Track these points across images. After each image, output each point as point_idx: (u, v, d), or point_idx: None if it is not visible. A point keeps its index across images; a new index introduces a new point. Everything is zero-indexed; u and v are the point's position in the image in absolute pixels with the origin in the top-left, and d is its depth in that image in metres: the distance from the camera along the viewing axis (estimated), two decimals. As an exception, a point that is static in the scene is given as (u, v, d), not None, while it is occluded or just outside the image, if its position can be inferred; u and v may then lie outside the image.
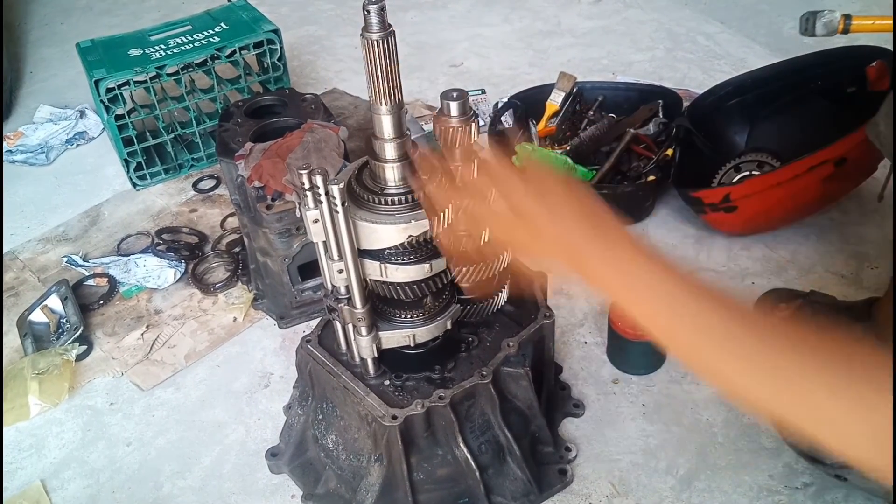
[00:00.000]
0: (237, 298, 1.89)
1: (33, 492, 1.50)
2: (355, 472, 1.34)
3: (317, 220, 1.08)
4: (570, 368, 1.64)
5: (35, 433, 1.62)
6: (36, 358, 1.71)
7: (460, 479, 1.32)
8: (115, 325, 1.85)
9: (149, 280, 1.93)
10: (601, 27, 3.05)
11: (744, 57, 2.74)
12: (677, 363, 1.63)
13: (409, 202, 1.10)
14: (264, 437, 1.56)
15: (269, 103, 1.94)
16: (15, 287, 1.99)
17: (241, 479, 1.49)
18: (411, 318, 1.23)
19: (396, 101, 1.04)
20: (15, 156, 2.52)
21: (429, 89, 2.72)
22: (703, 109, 2.09)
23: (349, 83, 2.75)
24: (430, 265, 1.15)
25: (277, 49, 2.33)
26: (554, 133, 2.23)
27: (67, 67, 2.97)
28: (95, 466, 1.54)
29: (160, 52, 2.24)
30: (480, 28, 3.13)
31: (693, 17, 3.04)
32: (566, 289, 1.84)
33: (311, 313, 1.81)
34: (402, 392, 1.27)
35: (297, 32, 3.19)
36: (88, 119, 2.65)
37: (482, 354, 1.32)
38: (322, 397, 1.37)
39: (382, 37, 0.97)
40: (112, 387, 1.70)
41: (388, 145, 1.08)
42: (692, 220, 1.99)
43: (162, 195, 2.29)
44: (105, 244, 2.11)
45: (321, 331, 1.37)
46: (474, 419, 1.31)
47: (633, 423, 1.52)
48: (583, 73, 2.59)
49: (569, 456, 1.45)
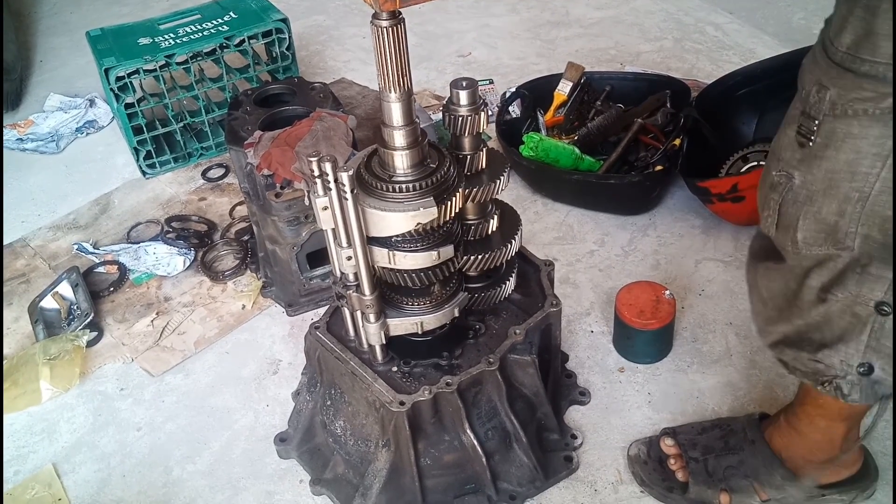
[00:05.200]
0: (246, 286, 1.90)
1: (45, 475, 1.52)
2: (363, 457, 1.35)
3: (326, 207, 1.09)
4: (577, 357, 1.65)
5: (46, 418, 1.64)
6: (47, 344, 1.73)
7: (467, 464, 1.33)
8: (126, 311, 1.87)
9: (158, 268, 1.94)
10: (609, 17, 3.04)
11: (752, 47, 2.73)
12: (683, 352, 1.64)
13: (418, 189, 1.11)
14: (273, 422, 1.58)
15: (278, 92, 1.95)
16: (26, 274, 2.01)
17: (249, 464, 1.50)
18: (419, 306, 1.24)
19: (405, 88, 1.05)
20: (26, 144, 2.53)
21: (437, 79, 2.72)
22: (712, 99, 2.08)
23: (357, 73, 2.75)
24: (438, 253, 1.16)
25: (286, 38, 2.33)
26: (562, 123, 2.23)
27: (77, 56, 2.98)
28: (106, 451, 1.56)
29: (169, 40, 2.25)
30: (488, 18, 3.12)
31: (702, 7, 3.03)
32: (573, 278, 1.85)
33: (320, 301, 1.82)
34: (410, 378, 1.28)
35: (306, 22, 3.19)
36: (98, 108, 2.66)
37: (489, 342, 1.33)
38: (330, 383, 1.39)
39: (392, 24, 0.98)
40: (122, 373, 1.72)
41: (398, 133, 1.09)
42: (699, 210, 1.99)
43: (171, 184, 2.30)
44: (115, 232, 2.13)
45: (329, 318, 1.38)
46: (481, 406, 1.32)
47: (638, 411, 1.53)
48: (591, 63, 2.60)
49: (574, 443, 1.46)
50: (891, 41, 0.81)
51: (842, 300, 0.98)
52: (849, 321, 0.99)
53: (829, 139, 0.90)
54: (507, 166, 1.25)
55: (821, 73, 0.90)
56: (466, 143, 1.20)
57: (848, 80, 0.86)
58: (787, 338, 1.08)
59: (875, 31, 0.82)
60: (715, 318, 1.72)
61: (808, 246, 0.97)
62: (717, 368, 1.60)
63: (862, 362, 1.01)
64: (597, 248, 1.94)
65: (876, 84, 0.84)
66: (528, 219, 2.03)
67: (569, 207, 2.07)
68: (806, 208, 0.96)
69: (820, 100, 0.90)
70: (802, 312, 1.03)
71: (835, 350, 1.02)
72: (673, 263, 1.87)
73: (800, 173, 0.95)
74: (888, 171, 0.87)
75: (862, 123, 0.87)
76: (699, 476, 1.32)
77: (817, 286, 0.99)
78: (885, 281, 0.94)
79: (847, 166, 0.90)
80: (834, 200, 0.92)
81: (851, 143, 0.89)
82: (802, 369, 1.08)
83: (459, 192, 1.14)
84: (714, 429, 1.39)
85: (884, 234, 0.91)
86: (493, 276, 1.35)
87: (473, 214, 1.27)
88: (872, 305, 0.96)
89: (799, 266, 1.00)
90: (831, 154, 0.91)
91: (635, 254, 1.91)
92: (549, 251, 1.93)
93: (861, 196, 0.90)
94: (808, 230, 0.97)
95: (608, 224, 2.00)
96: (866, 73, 0.84)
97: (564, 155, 2.02)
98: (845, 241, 0.94)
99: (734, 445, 1.33)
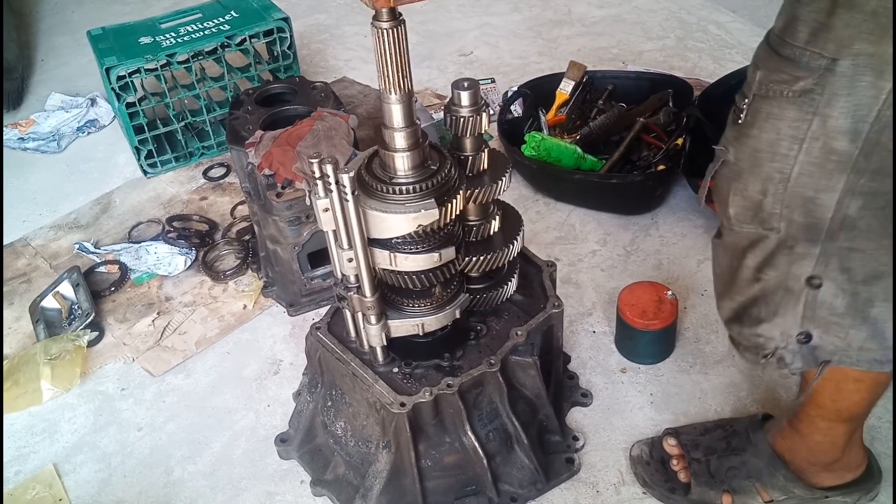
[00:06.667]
0: (247, 286, 1.90)
1: (46, 475, 1.52)
2: (364, 458, 1.35)
3: (327, 208, 1.09)
4: (579, 357, 1.65)
5: (47, 418, 1.64)
6: (48, 343, 1.73)
7: (468, 466, 1.33)
8: (127, 311, 1.86)
9: (159, 267, 1.94)
10: (611, 16, 3.03)
11: (755, 46, 2.70)
12: (686, 352, 1.63)
13: (419, 191, 1.10)
14: (274, 423, 1.57)
15: (280, 91, 1.94)
16: (27, 273, 2.01)
17: (250, 465, 1.50)
18: (420, 307, 1.24)
19: (406, 90, 1.05)
20: (27, 143, 2.53)
21: (438, 78, 2.71)
22: (714, 99, 2.07)
23: (359, 72, 2.75)
24: (439, 254, 1.16)
25: (287, 37, 2.33)
26: (564, 122, 2.22)
27: (79, 55, 2.98)
28: (107, 451, 1.56)
29: (171, 40, 2.24)
30: (490, 17, 3.11)
31: (704, 6, 3.02)
32: (575, 277, 1.84)
33: (321, 301, 1.82)
34: (411, 379, 1.28)
35: (307, 21, 3.19)
36: (99, 107, 2.66)
37: (491, 343, 1.33)
38: (331, 384, 1.38)
39: (393, 26, 0.98)
40: (123, 372, 1.72)
41: (398, 134, 1.08)
42: (702, 209, 1.99)
43: (172, 183, 2.30)
44: (116, 231, 2.13)
45: (330, 318, 1.37)
46: (482, 407, 1.32)
47: (640, 412, 1.53)
48: (593, 62, 2.58)
49: (576, 445, 1.45)
50: (807, 27, 0.85)
51: (774, 278, 1.00)
52: (783, 296, 1.01)
53: (754, 118, 0.94)
54: (508, 167, 1.24)
55: (758, 55, 0.94)
56: (468, 144, 1.19)
57: (773, 62, 0.90)
58: (734, 314, 1.10)
59: (797, 16, 0.86)
60: (717, 318, 1.68)
61: (739, 223, 1.00)
62: (720, 369, 1.60)
63: (801, 331, 1.03)
64: (599, 247, 1.93)
65: (792, 67, 0.87)
66: (530, 218, 2.03)
67: (571, 207, 2.06)
68: (734, 184, 0.99)
69: (752, 80, 0.94)
70: (742, 289, 1.06)
71: (773, 324, 1.04)
72: (675, 263, 1.87)
73: (733, 149, 0.98)
74: (805, 155, 0.89)
75: (780, 104, 0.90)
76: (701, 477, 1.32)
77: (753, 266, 1.02)
78: (812, 257, 0.96)
79: (768, 146, 0.92)
80: (758, 179, 0.95)
81: (772, 124, 0.91)
82: (745, 344, 1.10)
83: (461, 193, 1.14)
84: (717, 429, 1.38)
85: (806, 215, 0.93)
86: (495, 277, 1.35)
87: (475, 215, 1.27)
88: (804, 280, 0.98)
89: (737, 245, 1.03)
90: (755, 133, 0.94)
91: (637, 254, 1.91)
92: (550, 251, 1.93)
93: (782, 177, 0.92)
94: (737, 206, 1.00)
95: (610, 224, 2.00)
96: (787, 56, 0.88)
97: (566, 154, 2.02)
98: (770, 221, 0.96)
99: (737, 446, 1.33)
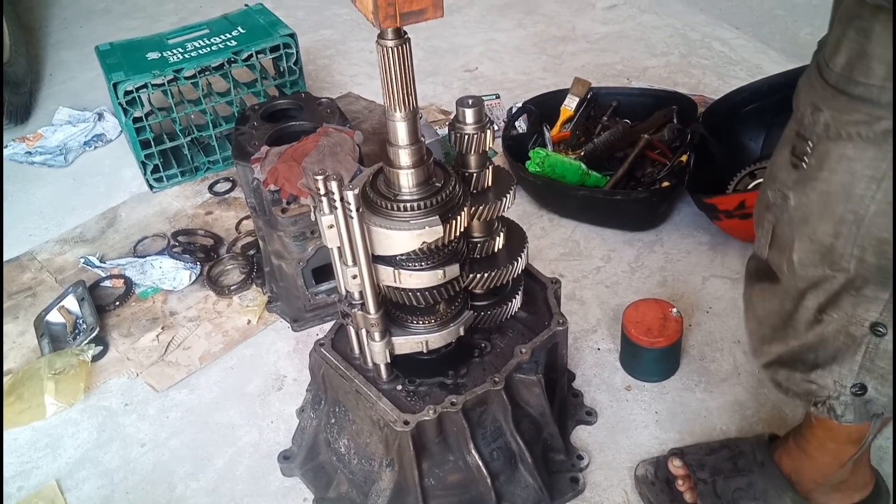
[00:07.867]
0: (251, 301, 1.90)
1: (48, 491, 1.51)
2: (367, 476, 1.34)
3: (331, 225, 1.09)
4: (583, 375, 1.64)
5: (51, 433, 1.64)
6: (52, 358, 1.73)
7: (471, 485, 1.32)
8: (131, 326, 1.86)
9: (164, 282, 1.94)
10: (616, 32, 3.05)
11: (759, 63, 2.73)
12: (691, 370, 1.63)
13: (424, 208, 1.10)
14: (277, 439, 1.57)
15: (285, 107, 1.95)
16: (32, 287, 2.02)
17: (253, 482, 1.50)
18: (424, 324, 1.24)
19: (411, 108, 1.05)
20: (34, 157, 2.55)
21: (443, 94, 2.72)
22: (719, 115, 2.08)
23: (364, 87, 2.76)
24: (443, 271, 1.16)
25: (293, 53, 2.34)
26: (568, 138, 2.22)
27: (86, 70, 3.00)
28: (110, 467, 1.56)
29: (178, 55, 2.26)
30: (494, 33, 3.13)
31: (708, 23, 3.03)
32: (579, 294, 1.84)
33: (325, 316, 1.81)
34: (415, 397, 1.27)
35: (313, 37, 3.20)
36: (106, 121, 2.67)
37: (495, 361, 1.32)
38: (335, 401, 1.38)
39: (398, 45, 0.98)
40: (127, 387, 1.72)
41: (403, 152, 1.08)
42: (706, 226, 1.98)
43: (178, 197, 2.31)
44: (121, 246, 2.13)
45: (335, 334, 1.37)
46: (486, 426, 1.31)
47: (645, 431, 1.52)
48: (597, 78, 2.59)
49: (581, 464, 1.44)
50: (883, 64, 0.81)
51: (837, 321, 0.97)
52: (843, 342, 0.98)
53: (823, 161, 0.90)
54: (512, 184, 1.24)
55: (815, 95, 0.90)
56: (472, 161, 1.20)
57: (842, 103, 0.86)
58: (780, 358, 1.07)
59: (868, 53, 0.82)
60: (723, 335, 1.71)
61: (803, 267, 0.97)
62: (725, 387, 1.59)
63: (855, 382, 1.00)
64: (603, 264, 1.93)
65: (870, 107, 0.84)
66: (535, 234, 2.03)
67: (575, 223, 2.06)
68: (801, 229, 0.95)
69: (814, 122, 0.90)
70: (798, 333, 1.02)
71: (828, 370, 1.01)
72: (680, 280, 1.86)
73: (795, 194, 0.95)
74: (883, 194, 0.87)
75: (856, 146, 0.86)
76: (707, 498, 1.31)
77: (813, 307, 0.98)
78: (880, 302, 0.94)
79: (842, 188, 0.89)
80: (829, 222, 0.92)
81: (846, 166, 0.88)
82: (795, 390, 1.07)
83: (465, 210, 1.14)
84: (723, 449, 1.37)
85: (879, 256, 0.90)
86: (500, 294, 1.34)
87: (479, 232, 1.27)
88: (867, 326, 0.95)
89: (794, 287, 1.00)
90: (826, 176, 0.90)
91: (642, 270, 1.90)
92: (555, 267, 1.93)
93: (856, 218, 0.89)
94: (803, 251, 0.96)
95: (615, 240, 1.99)
96: (860, 96, 0.84)
97: (571, 170, 2.02)
98: (841, 262, 0.93)
99: (743, 467, 1.32)
